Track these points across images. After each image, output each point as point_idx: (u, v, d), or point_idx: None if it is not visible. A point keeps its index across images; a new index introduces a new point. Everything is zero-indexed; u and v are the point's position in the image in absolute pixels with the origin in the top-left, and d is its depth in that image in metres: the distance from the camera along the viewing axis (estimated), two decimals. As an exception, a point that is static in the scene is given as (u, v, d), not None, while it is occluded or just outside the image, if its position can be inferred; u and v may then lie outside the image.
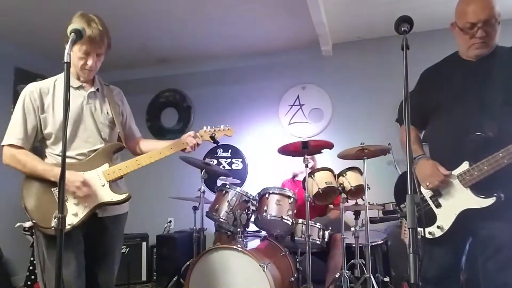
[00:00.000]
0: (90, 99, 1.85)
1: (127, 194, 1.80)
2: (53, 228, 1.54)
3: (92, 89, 1.87)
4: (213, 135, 1.98)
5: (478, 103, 1.65)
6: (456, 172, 1.69)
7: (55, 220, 1.55)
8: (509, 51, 1.69)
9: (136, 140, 2.07)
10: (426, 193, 1.79)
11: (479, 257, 1.71)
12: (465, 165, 1.66)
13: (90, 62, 1.76)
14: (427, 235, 1.75)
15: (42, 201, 1.71)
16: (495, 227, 1.62)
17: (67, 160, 1.65)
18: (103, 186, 1.77)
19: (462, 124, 1.68)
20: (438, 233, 1.72)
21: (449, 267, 1.77)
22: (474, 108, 1.65)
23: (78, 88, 1.83)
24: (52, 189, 1.72)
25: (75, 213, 1.70)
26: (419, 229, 1.80)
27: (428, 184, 1.74)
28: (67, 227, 1.65)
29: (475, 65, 1.70)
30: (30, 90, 1.77)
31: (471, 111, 1.66)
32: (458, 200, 1.68)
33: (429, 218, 1.76)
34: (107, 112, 1.88)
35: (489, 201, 1.59)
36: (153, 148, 1.92)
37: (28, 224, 1.58)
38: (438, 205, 1.75)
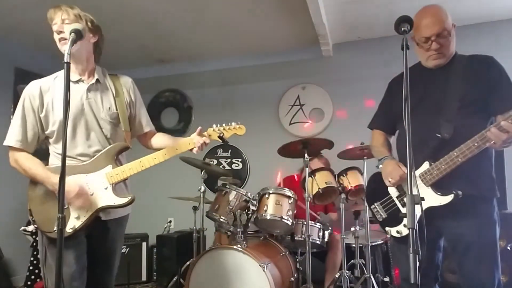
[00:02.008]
0: (90, 93, 1.80)
1: (129, 197, 1.75)
2: (55, 231, 1.55)
3: (92, 81, 1.81)
4: (221, 135, 1.89)
5: (436, 108, 1.76)
6: (418, 172, 1.76)
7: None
8: (466, 60, 1.79)
9: (148, 134, 2.01)
10: (393, 193, 1.89)
11: (452, 256, 1.79)
12: (425, 165, 1.74)
13: (55, 27, 1.70)
14: (395, 234, 1.84)
15: (45, 205, 1.70)
16: (461, 226, 1.70)
17: (70, 161, 1.66)
18: (106, 189, 1.73)
19: (422, 126, 1.77)
20: (405, 232, 1.80)
21: (423, 265, 1.80)
22: (433, 112, 1.77)
23: (77, 81, 1.79)
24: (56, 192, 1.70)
25: (77, 217, 1.68)
26: (386, 228, 1.89)
27: (390, 179, 1.83)
28: (69, 230, 1.64)
29: (435, 73, 1.82)
30: (30, 90, 1.75)
31: (431, 115, 1.77)
32: None
33: (397, 217, 1.84)
34: (109, 108, 1.82)
35: (448, 199, 1.66)
36: (164, 145, 1.88)
37: (31, 228, 1.57)
38: (404, 204, 1.83)
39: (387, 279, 3.09)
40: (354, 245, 3.01)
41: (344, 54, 4.25)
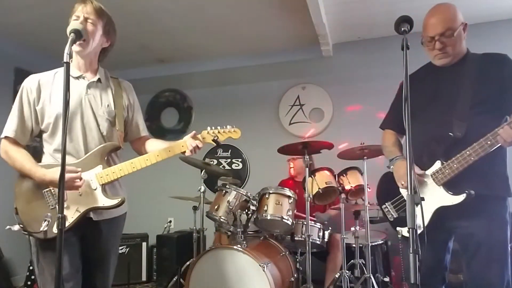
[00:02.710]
0: (90, 90, 1.78)
1: (119, 199, 1.70)
2: (41, 232, 1.52)
3: (94, 79, 1.80)
4: (216, 138, 1.86)
5: (448, 107, 1.75)
6: (429, 171, 1.76)
7: (46, 222, 1.53)
8: (479, 58, 1.78)
9: (142, 139, 1.99)
10: (404, 193, 1.87)
11: (462, 256, 1.77)
12: (437, 164, 1.74)
13: (75, 16, 1.71)
14: (406, 234, 1.80)
15: (32, 204, 1.67)
16: (472, 225, 1.69)
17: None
18: (95, 189, 1.69)
19: (435, 126, 1.77)
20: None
21: (432, 265, 1.81)
22: (445, 111, 1.76)
23: (78, 77, 1.77)
24: (44, 190, 1.67)
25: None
26: (398, 228, 1.87)
27: (403, 183, 1.82)
28: (55, 231, 1.54)
29: (446, 72, 1.81)
30: (29, 83, 1.74)
31: (443, 114, 1.76)
32: (433, 198, 1.73)
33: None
34: (107, 105, 1.80)
35: (460, 198, 1.65)
36: (158, 149, 1.83)
37: (16, 227, 1.54)
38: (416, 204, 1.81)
39: (387, 279, 3.09)
40: (354, 245, 3.01)
41: (344, 54, 4.25)
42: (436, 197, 1.72)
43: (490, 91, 1.69)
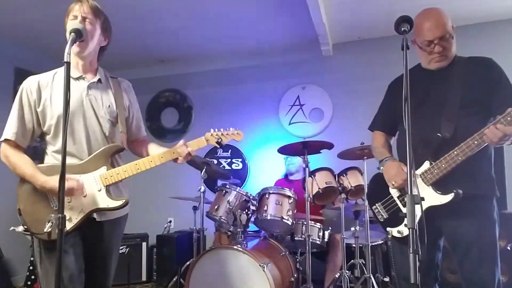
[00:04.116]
0: (91, 90, 1.77)
1: (123, 200, 1.71)
2: (45, 233, 1.51)
3: (94, 80, 1.79)
4: (219, 140, 1.87)
5: (438, 108, 1.78)
6: (419, 171, 1.77)
7: (49, 223, 1.51)
8: (465, 61, 1.81)
9: (140, 140, 1.98)
10: (394, 193, 1.89)
11: (453, 256, 1.80)
12: (426, 164, 1.75)
13: (71, 16, 1.71)
14: (396, 234, 1.85)
15: (35, 205, 1.66)
16: (462, 225, 1.71)
17: (67, 159, 1.63)
18: (99, 191, 1.69)
19: (424, 127, 1.78)
20: (406, 232, 1.80)
21: (422, 264, 1.80)
22: (435, 112, 1.78)
23: (78, 78, 1.76)
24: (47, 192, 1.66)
25: (69, 218, 1.63)
26: (388, 228, 1.88)
27: (393, 183, 1.83)
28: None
29: (436, 74, 1.83)
30: (28, 84, 1.73)
31: (432, 115, 1.78)
32: None
33: (398, 218, 1.84)
34: (109, 105, 1.79)
35: (448, 197, 1.67)
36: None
37: (20, 228, 1.53)
38: (405, 204, 1.81)
39: (387, 279, 3.09)
40: (354, 245, 3.01)
41: (344, 54, 4.24)
42: (425, 197, 1.73)
43: (478, 93, 1.72)
